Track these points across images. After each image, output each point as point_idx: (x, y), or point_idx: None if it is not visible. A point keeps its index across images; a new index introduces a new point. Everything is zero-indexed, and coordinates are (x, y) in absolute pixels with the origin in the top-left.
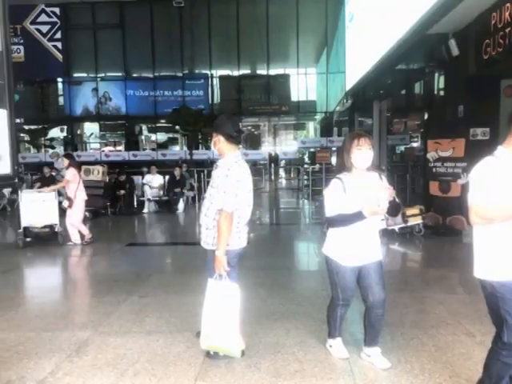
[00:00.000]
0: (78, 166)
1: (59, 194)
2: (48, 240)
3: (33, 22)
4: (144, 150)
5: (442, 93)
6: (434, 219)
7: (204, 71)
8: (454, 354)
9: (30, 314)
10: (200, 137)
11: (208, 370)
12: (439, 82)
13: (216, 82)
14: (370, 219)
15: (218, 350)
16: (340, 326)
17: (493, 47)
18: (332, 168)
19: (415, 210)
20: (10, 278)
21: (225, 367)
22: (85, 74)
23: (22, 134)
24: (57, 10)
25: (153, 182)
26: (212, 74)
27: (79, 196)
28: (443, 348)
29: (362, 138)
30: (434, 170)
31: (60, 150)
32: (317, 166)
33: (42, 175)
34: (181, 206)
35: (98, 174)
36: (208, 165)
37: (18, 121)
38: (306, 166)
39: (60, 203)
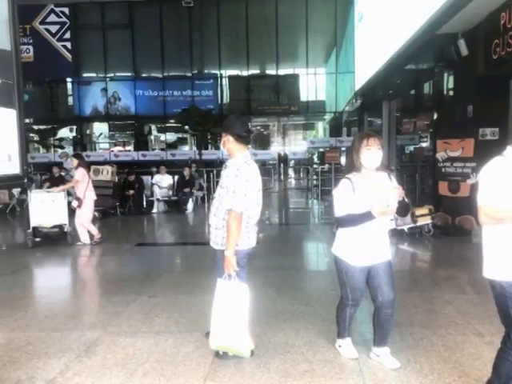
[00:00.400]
0: (88, 166)
1: (68, 194)
2: (57, 240)
3: (42, 22)
4: (153, 150)
5: (451, 93)
6: (444, 219)
7: (213, 71)
8: (464, 354)
9: (40, 314)
10: (209, 137)
11: (217, 370)
12: (448, 81)
13: (225, 81)
14: (380, 219)
15: (227, 350)
16: (349, 326)
17: (502, 47)
18: (341, 168)
19: (424, 210)
20: (20, 278)
21: (234, 367)
22: (94, 74)
23: (31, 134)
24: (66, 9)
25: (162, 182)
26: (221, 74)
27: (88, 196)
28: (452, 348)
29: (372, 138)
30: (443, 169)
31: (69, 150)
32: (326, 166)
33: (51, 175)
34: (190, 206)
35: (107, 174)
36: (217, 165)
37: (27, 121)
38: (315, 165)
39: (69, 203)
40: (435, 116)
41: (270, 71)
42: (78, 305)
